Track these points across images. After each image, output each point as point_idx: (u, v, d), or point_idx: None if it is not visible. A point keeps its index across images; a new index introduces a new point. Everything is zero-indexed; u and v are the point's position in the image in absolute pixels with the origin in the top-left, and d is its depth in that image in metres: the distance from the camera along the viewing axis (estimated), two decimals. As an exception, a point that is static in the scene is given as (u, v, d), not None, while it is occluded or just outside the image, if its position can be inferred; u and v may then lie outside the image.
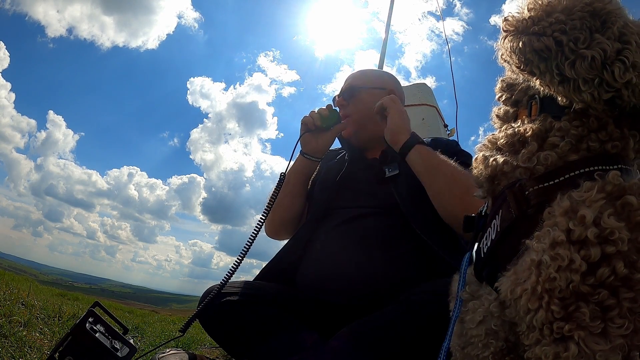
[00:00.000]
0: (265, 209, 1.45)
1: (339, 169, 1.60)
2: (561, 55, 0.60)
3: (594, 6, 0.60)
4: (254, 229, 1.41)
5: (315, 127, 1.53)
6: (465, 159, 1.51)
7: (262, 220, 1.42)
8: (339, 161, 1.65)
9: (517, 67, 0.65)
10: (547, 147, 0.64)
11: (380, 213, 1.39)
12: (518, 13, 0.66)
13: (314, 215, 1.50)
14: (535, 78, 0.64)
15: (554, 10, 0.62)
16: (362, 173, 1.56)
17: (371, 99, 1.59)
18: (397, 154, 1.48)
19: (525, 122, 0.69)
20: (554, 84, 0.61)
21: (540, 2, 0.64)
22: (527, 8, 0.65)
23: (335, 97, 1.69)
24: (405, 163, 1.47)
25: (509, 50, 0.65)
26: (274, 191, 1.46)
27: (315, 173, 1.64)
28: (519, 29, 0.64)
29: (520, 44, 0.63)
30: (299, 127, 1.57)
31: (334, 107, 1.61)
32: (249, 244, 1.38)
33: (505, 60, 0.67)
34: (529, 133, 0.67)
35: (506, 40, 0.65)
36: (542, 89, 0.65)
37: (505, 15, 0.67)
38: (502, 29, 0.66)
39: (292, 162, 1.58)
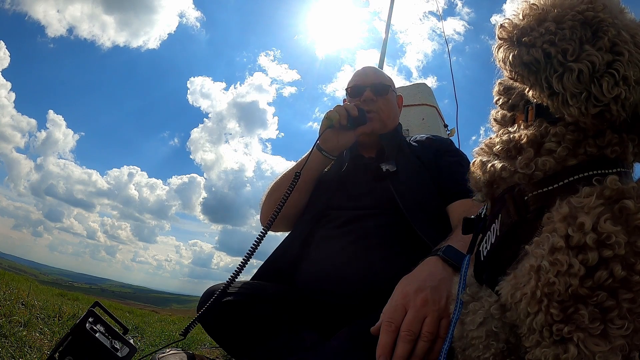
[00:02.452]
0: (277, 206, 1.36)
1: (337, 168, 1.59)
2: (550, 67, 0.59)
3: (585, 14, 0.59)
4: (263, 229, 1.34)
5: (340, 125, 1.48)
6: (457, 157, 1.52)
7: (273, 218, 1.35)
8: (336, 160, 1.63)
9: (510, 78, 0.65)
10: (544, 153, 0.64)
11: (379, 213, 1.38)
12: (514, 19, 0.65)
13: (312, 214, 1.49)
14: (527, 90, 0.64)
15: (546, 18, 0.61)
16: (359, 172, 1.55)
17: (393, 100, 1.68)
18: (392, 153, 1.49)
19: (522, 127, 0.69)
20: (544, 97, 0.61)
21: (535, 7, 0.63)
22: (522, 14, 0.64)
23: (348, 89, 1.67)
24: (403, 160, 1.47)
25: (501, 60, 0.65)
26: (288, 188, 1.40)
27: None
28: (512, 38, 0.63)
29: (511, 56, 0.63)
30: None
31: (344, 101, 1.62)
32: (257, 242, 1.33)
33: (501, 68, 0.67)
34: (524, 140, 0.67)
35: (500, 50, 0.65)
36: (533, 99, 0.64)
37: (502, 20, 0.66)
38: (497, 36, 0.66)
39: (299, 158, 1.56)
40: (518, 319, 0.59)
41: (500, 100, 0.76)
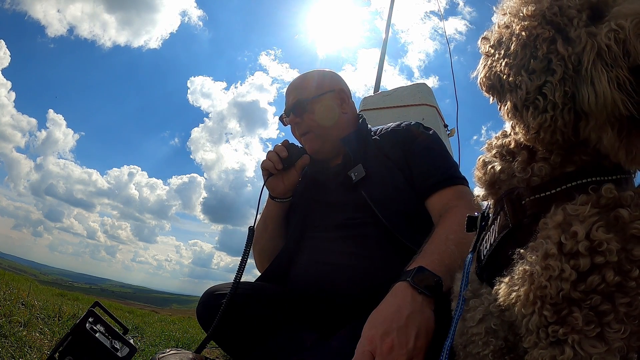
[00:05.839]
0: (240, 264, 1.37)
1: (302, 188, 1.53)
2: (503, 94, 0.61)
3: (522, 34, 0.58)
4: (235, 276, 1.35)
5: (277, 171, 1.45)
6: (424, 144, 1.41)
7: (239, 276, 1.35)
8: (304, 176, 1.56)
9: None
10: (539, 159, 0.64)
11: (363, 219, 1.33)
12: (493, 30, 0.66)
13: (293, 237, 1.46)
14: (498, 108, 0.66)
15: (503, 38, 0.62)
16: (330, 183, 1.47)
17: (324, 107, 1.49)
18: (359, 156, 1.40)
19: (513, 131, 0.69)
20: (508, 118, 0.63)
21: (502, 22, 0.64)
22: (497, 25, 0.65)
23: (281, 116, 1.58)
24: (371, 162, 1.39)
25: (479, 78, 0.67)
26: (245, 246, 1.40)
27: None
28: (487, 55, 0.65)
29: (479, 78, 0.65)
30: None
31: (289, 139, 1.53)
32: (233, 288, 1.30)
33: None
34: (512, 145, 0.67)
35: (480, 65, 0.66)
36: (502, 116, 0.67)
37: (485, 32, 0.67)
38: (480, 49, 0.67)
39: (261, 207, 1.52)
40: (516, 320, 0.60)
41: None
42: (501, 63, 0.60)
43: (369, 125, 1.58)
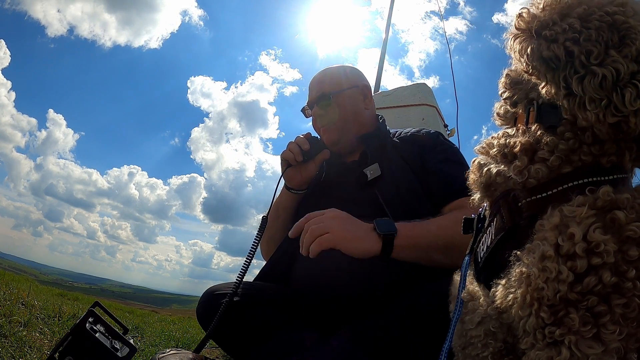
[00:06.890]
0: (250, 251, 1.39)
1: (319, 177, 1.55)
2: (570, 67, 0.56)
3: (615, 18, 0.56)
4: (244, 263, 1.37)
5: (297, 162, 1.48)
6: (444, 154, 1.43)
7: (247, 263, 1.36)
8: (319, 171, 1.57)
9: (525, 72, 0.62)
10: (537, 160, 0.64)
11: (369, 216, 1.33)
12: (533, 9, 0.61)
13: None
14: (541, 86, 0.61)
15: (570, 13, 0.58)
16: (343, 178, 1.49)
17: (348, 102, 1.54)
18: (376, 155, 1.42)
19: (520, 131, 0.68)
20: (559, 96, 0.58)
21: (558, 0, 0.60)
22: (543, 5, 0.61)
23: (304, 109, 1.61)
24: (387, 163, 1.40)
25: (517, 52, 0.62)
26: (257, 234, 1.42)
27: None
28: (531, 29, 0.60)
29: (529, 49, 0.59)
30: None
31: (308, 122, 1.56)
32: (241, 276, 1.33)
33: (516, 61, 0.64)
34: (517, 148, 0.66)
35: (517, 41, 0.62)
36: (546, 96, 0.61)
37: (520, 9, 0.63)
38: (515, 26, 0.62)
39: (276, 195, 1.54)
40: (514, 322, 0.60)
41: (505, 93, 0.74)
42: (574, 36, 0.56)
43: (387, 127, 1.60)
